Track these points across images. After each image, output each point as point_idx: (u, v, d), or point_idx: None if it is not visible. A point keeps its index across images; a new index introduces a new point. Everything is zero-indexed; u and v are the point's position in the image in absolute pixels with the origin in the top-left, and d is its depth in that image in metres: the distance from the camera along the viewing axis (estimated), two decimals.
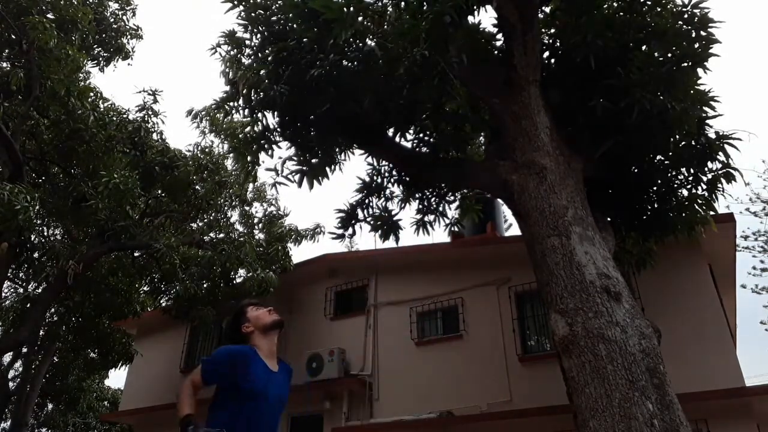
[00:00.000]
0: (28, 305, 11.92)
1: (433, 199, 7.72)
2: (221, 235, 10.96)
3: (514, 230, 13.21)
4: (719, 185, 6.23)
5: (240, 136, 7.09)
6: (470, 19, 5.91)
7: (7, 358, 16.79)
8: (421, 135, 7.11)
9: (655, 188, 6.57)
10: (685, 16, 5.60)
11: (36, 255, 10.14)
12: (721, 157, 6.05)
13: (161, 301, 12.81)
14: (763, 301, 23.50)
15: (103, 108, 10.01)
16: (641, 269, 7.30)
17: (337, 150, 6.91)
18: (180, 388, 2.56)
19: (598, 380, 4.12)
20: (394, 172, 7.58)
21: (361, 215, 7.66)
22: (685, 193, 6.51)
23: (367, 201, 7.67)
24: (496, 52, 6.41)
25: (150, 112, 10.44)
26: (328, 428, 9.66)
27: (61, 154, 10.01)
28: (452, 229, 8.39)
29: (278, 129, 6.72)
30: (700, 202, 6.40)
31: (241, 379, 2.50)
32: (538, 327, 9.04)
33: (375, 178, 7.63)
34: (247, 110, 6.58)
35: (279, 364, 2.73)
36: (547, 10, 6.52)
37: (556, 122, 5.79)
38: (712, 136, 6.05)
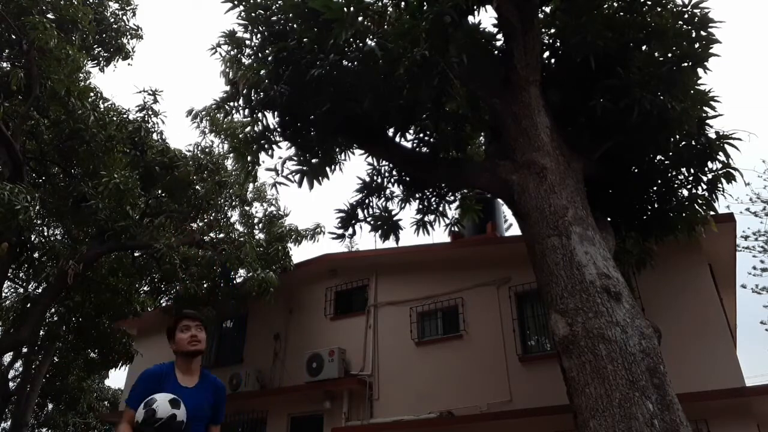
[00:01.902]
0: (28, 305, 11.90)
1: (433, 199, 7.72)
2: (221, 235, 10.96)
3: (514, 230, 13.22)
4: (719, 185, 6.24)
5: (240, 136, 7.08)
6: (470, 19, 5.91)
7: (7, 358, 16.79)
8: (421, 135, 7.11)
9: (655, 188, 6.57)
10: (685, 16, 5.60)
11: (36, 255, 10.15)
12: (721, 157, 6.06)
13: (161, 301, 12.81)
14: (763, 301, 23.50)
15: (103, 108, 10.01)
16: (641, 269, 7.31)
17: (337, 150, 6.91)
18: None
19: (598, 380, 4.12)
20: (394, 172, 7.58)
21: (361, 215, 7.66)
22: (685, 193, 6.51)
23: (367, 201, 7.66)
24: (496, 52, 6.41)
25: (150, 112, 10.45)
26: (328, 428, 9.66)
27: (61, 154, 10.02)
28: (452, 229, 8.38)
29: (278, 129, 6.72)
30: (700, 202, 6.40)
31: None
32: (538, 327, 9.04)
33: (375, 178, 7.63)
34: (247, 110, 6.58)
35: (202, 379, 2.95)
36: (547, 10, 6.52)
37: (556, 122, 5.79)
38: (712, 136, 6.05)
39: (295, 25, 6.22)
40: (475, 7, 5.69)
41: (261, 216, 12.92)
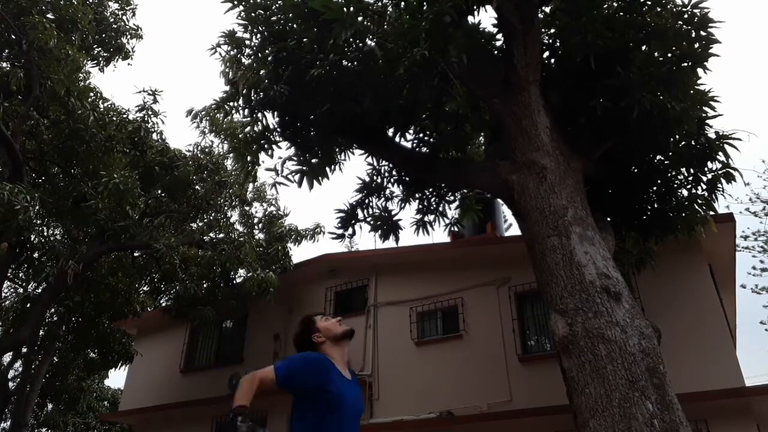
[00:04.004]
0: (28, 305, 11.91)
1: (433, 199, 7.72)
2: (221, 235, 10.96)
3: (514, 230, 13.20)
4: (719, 185, 6.23)
5: (240, 136, 7.08)
6: (470, 19, 5.91)
7: (7, 358, 16.77)
8: (421, 135, 7.11)
9: (655, 188, 6.57)
10: (685, 16, 5.60)
11: (36, 255, 10.15)
12: (721, 157, 6.05)
13: (161, 301, 12.81)
14: (763, 301, 23.47)
15: (103, 108, 10.02)
16: (641, 269, 7.31)
17: (337, 150, 6.91)
18: (244, 379, 2.39)
19: (598, 380, 4.12)
20: (394, 172, 7.57)
21: (361, 215, 7.65)
22: (685, 193, 6.51)
23: (367, 201, 7.66)
24: (496, 52, 6.40)
25: (150, 112, 10.45)
26: None
27: (61, 154, 10.02)
28: (452, 229, 8.38)
29: (278, 129, 6.71)
30: (700, 202, 6.40)
31: (325, 384, 2.42)
32: (538, 327, 9.05)
33: (375, 178, 7.63)
34: (247, 110, 6.57)
35: (350, 372, 2.70)
36: (547, 10, 6.52)
37: (556, 122, 5.79)
38: (712, 136, 6.05)
39: (295, 25, 6.22)
40: (475, 7, 5.68)
41: (261, 216, 12.91)
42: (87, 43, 10.87)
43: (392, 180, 7.60)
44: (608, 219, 6.31)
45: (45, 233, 10.98)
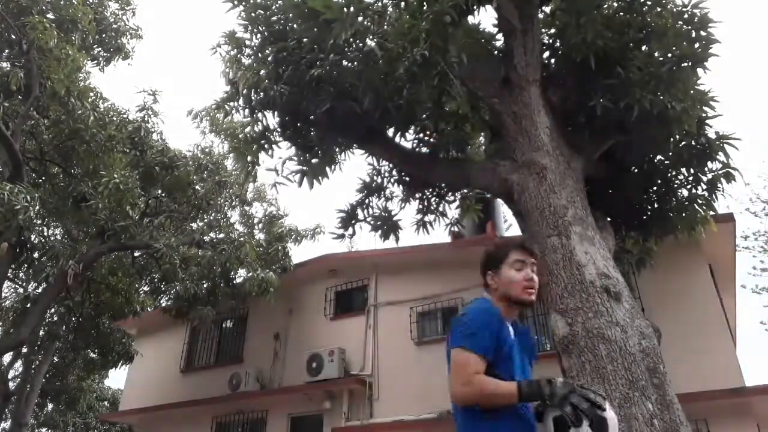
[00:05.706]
0: (28, 305, 11.92)
1: (433, 199, 7.72)
2: (221, 235, 10.97)
3: (514, 230, 13.19)
4: (719, 185, 6.24)
5: (240, 136, 7.07)
6: (470, 19, 5.91)
7: (7, 358, 16.78)
8: (421, 135, 7.10)
9: (655, 188, 6.57)
10: (685, 16, 5.59)
11: (36, 255, 10.15)
12: (721, 157, 6.06)
13: (161, 301, 12.82)
14: (763, 301, 23.51)
15: (103, 108, 10.02)
16: (641, 269, 7.31)
17: (337, 150, 6.91)
18: (479, 388, 1.94)
19: (598, 380, 4.11)
20: (394, 172, 7.57)
21: (361, 215, 7.65)
22: (685, 193, 6.51)
23: (367, 201, 7.66)
24: (496, 52, 6.40)
25: (150, 112, 10.46)
26: (328, 428, 9.66)
27: (61, 154, 10.03)
28: (452, 229, 8.37)
29: (278, 129, 6.71)
30: (700, 202, 6.40)
31: (501, 347, 2.04)
32: (538, 327, 9.04)
33: (375, 178, 7.63)
34: (247, 110, 6.57)
35: (515, 328, 2.31)
36: (547, 10, 6.52)
37: (556, 122, 5.79)
38: (712, 136, 6.05)
39: (295, 25, 6.22)
40: (475, 7, 5.69)
41: (261, 216, 12.92)
42: (87, 43, 10.88)
43: (392, 180, 7.60)
44: (608, 219, 6.31)
45: (45, 233, 10.98)
